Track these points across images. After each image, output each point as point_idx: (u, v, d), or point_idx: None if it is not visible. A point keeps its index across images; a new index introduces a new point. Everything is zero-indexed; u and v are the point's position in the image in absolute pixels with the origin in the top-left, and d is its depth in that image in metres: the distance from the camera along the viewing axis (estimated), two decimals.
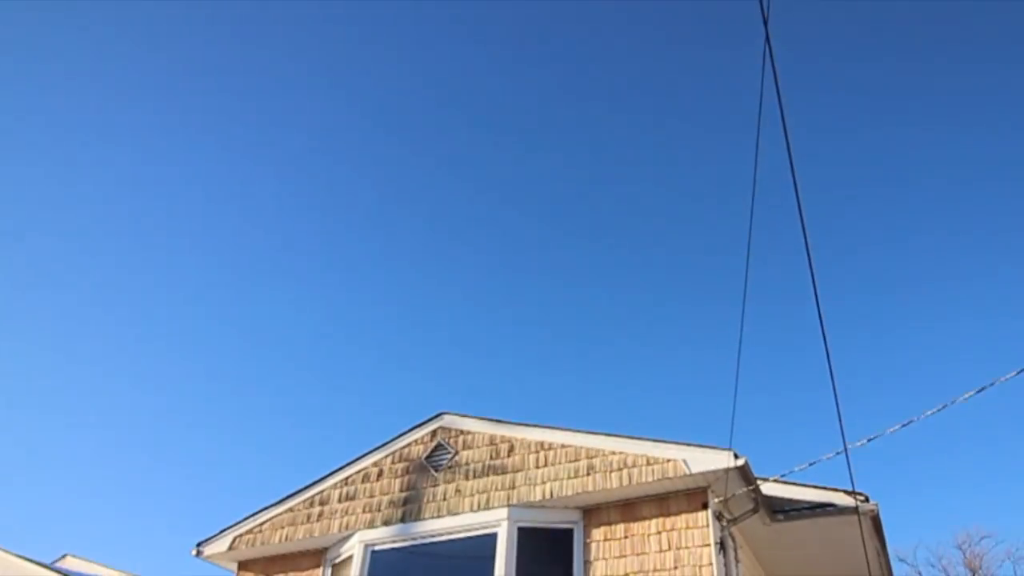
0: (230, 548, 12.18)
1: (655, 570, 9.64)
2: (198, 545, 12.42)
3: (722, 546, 9.69)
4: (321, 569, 11.74)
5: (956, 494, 56.77)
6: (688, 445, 9.67)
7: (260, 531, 12.06)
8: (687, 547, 9.60)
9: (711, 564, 9.40)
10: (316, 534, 11.59)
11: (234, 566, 12.53)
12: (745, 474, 9.41)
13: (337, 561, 11.53)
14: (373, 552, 11.02)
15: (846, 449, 7.56)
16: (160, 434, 58.67)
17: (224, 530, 12.32)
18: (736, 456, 9.21)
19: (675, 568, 9.56)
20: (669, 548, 9.70)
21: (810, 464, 8.87)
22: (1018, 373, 6.49)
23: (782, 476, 9.41)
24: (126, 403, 56.66)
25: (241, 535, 12.17)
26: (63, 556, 19.09)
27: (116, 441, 57.97)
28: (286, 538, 11.80)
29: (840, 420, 7.57)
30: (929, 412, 7.39)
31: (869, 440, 7.91)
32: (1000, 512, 54.57)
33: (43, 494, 58.53)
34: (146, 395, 55.92)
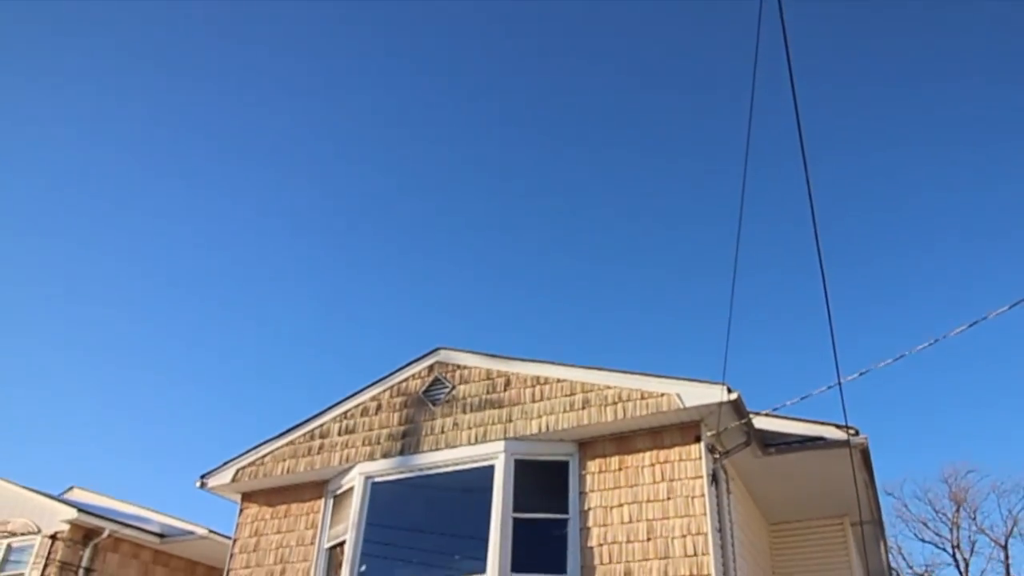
0: (233, 480, 12.33)
1: (648, 501, 9.76)
2: (202, 477, 12.57)
3: (714, 478, 9.79)
4: (323, 500, 11.89)
5: (944, 429, 57.26)
6: (682, 380, 9.70)
7: (262, 463, 12.19)
8: (680, 479, 9.70)
9: (703, 495, 9.50)
10: (317, 466, 11.71)
11: (238, 497, 12.69)
12: (738, 408, 9.45)
13: (338, 492, 11.67)
14: (373, 484, 11.14)
15: (840, 382, 7.54)
16: (164, 369, 59.17)
17: (227, 463, 12.45)
18: (729, 390, 9.24)
19: (668, 499, 9.68)
20: (662, 480, 9.80)
21: (802, 398, 8.89)
22: (1011, 307, 6.44)
23: (774, 410, 9.46)
24: (131, 338, 57.00)
25: (244, 467, 12.30)
26: (70, 488, 19.35)
27: (121, 376, 58.47)
28: (288, 470, 11.93)
29: (835, 350, 7.54)
30: (921, 346, 7.35)
31: (861, 374, 7.89)
32: (986, 447, 55.17)
33: (50, 427, 59.27)
34: (150, 330, 56.22)
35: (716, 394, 9.31)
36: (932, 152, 47.02)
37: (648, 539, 9.55)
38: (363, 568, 10.62)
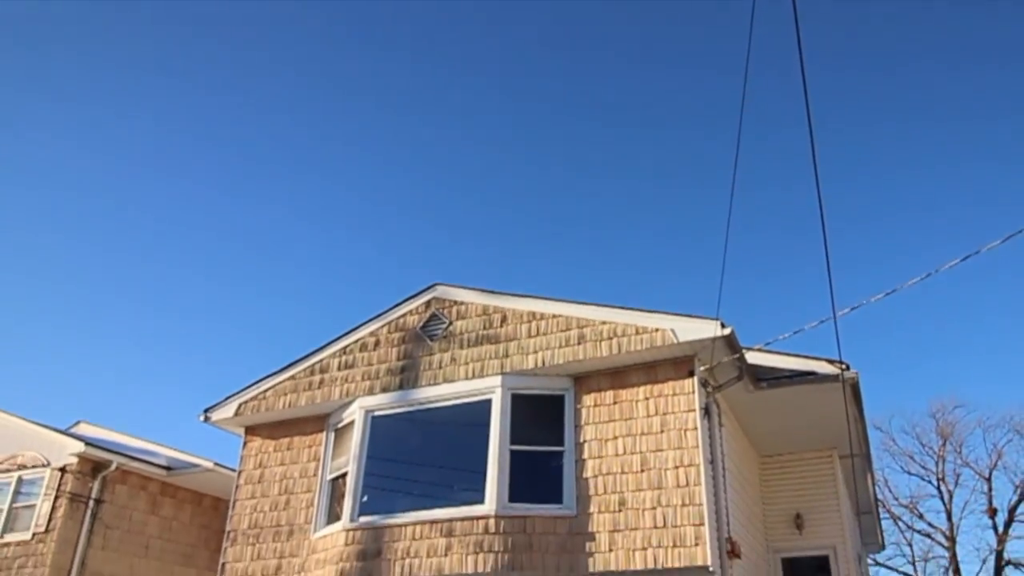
0: (236, 414, 12.41)
1: (642, 434, 9.84)
2: (205, 411, 12.65)
3: (707, 412, 9.85)
4: (324, 433, 11.98)
5: (933, 365, 57.55)
6: (676, 315, 9.68)
7: (264, 398, 12.25)
8: (673, 412, 9.76)
9: (696, 428, 9.57)
10: (318, 401, 11.78)
11: (241, 431, 12.80)
12: (731, 343, 9.46)
13: (339, 426, 11.76)
14: (373, 417, 11.22)
15: (833, 316, 7.49)
16: (169, 306, 59.27)
17: (229, 397, 12.51)
18: (723, 325, 9.23)
19: (661, 432, 9.75)
20: (656, 413, 9.86)
21: (794, 332, 8.91)
22: (1003, 241, 6.36)
23: (766, 345, 9.47)
24: (136, 273, 56.98)
25: (246, 402, 12.37)
26: (77, 423, 19.51)
27: (128, 312, 58.61)
28: (289, 404, 12.00)
29: (830, 281, 7.46)
30: (913, 280, 7.30)
31: (853, 308, 7.86)
32: (974, 382, 55.39)
33: (57, 363, 59.63)
34: (155, 267, 56.18)
35: (710, 329, 9.30)
36: (931, 78, 46.47)
37: (642, 470, 9.66)
38: (365, 499, 10.76)
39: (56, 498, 16.33)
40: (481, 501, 9.92)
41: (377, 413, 11.22)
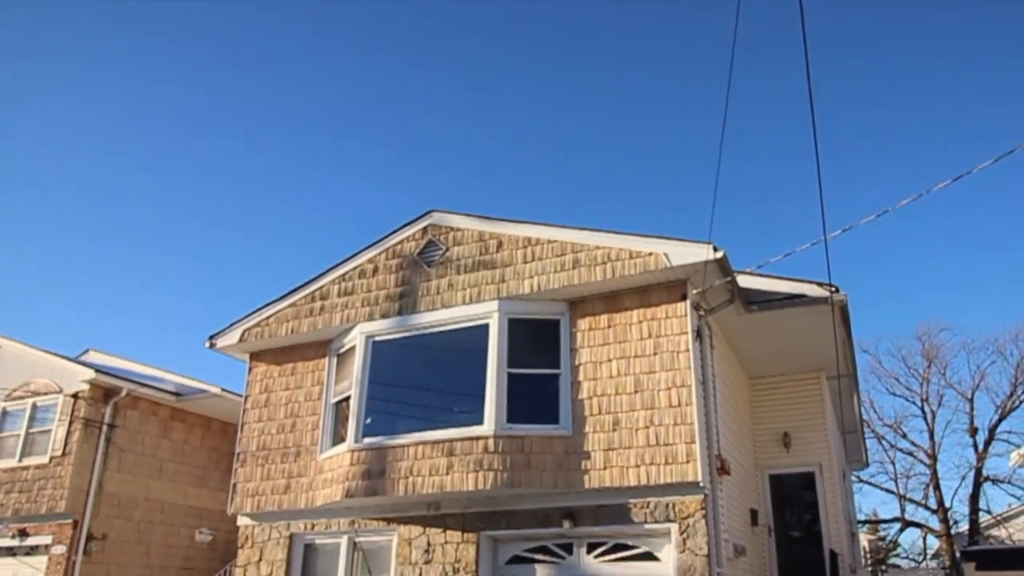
0: (240, 340, 12.43)
1: (636, 356, 9.87)
2: (210, 338, 12.67)
3: (698, 334, 9.86)
4: (327, 359, 12.02)
5: (921, 290, 57.77)
6: (669, 239, 9.60)
7: (267, 324, 12.25)
8: (666, 335, 9.77)
9: (688, 351, 9.60)
10: (319, 327, 11.78)
11: (246, 357, 12.84)
12: (723, 266, 9.40)
13: (341, 351, 11.79)
14: (374, 343, 11.23)
15: (825, 235, 7.39)
16: (175, 234, 59.11)
17: (233, 324, 12.51)
18: (715, 249, 9.16)
19: (654, 354, 9.78)
20: (649, 336, 9.87)
21: (785, 255, 8.82)
22: (995, 161, 6.24)
23: (758, 268, 9.42)
24: (144, 201, 56.67)
25: (249, 328, 12.38)
26: (86, 351, 19.64)
27: (135, 240, 58.50)
28: (291, 331, 12.01)
29: (822, 202, 7.38)
30: (904, 201, 7.19)
31: (844, 230, 7.77)
32: (960, 306, 55.68)
33: (66, 292, 59.74)
34: (162, 191, 55.85)
35: (702, 253, 9.23)
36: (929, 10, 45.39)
37: (635, 391, 9.72)
38: (368, 421, 10.85)
39: (70, 423, 16.51)
40: (480, 422, 10.00)
41: (377, 338, 11.23)
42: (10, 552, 16.79)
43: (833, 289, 9.98)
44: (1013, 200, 51.78)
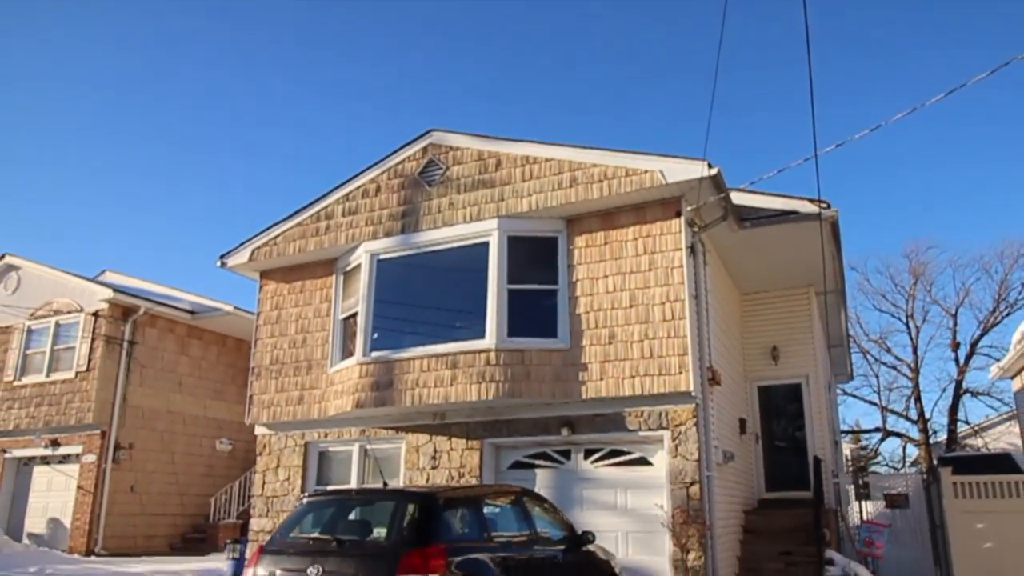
0: (250, 259, 12.36)
1: (631, 272, 9.79)
2: (221, 257, 12.60)
3: (692, 251, 9.75)
4: (334, 277, 11.98)
5: (912, 208, 56.89)
6: (665, 156, 9.40)
7: (275, 244, 12.16)
8: (661, 251, 9.67)
9: (681, 266, 9.51)
10: (325, 246, 11.69)
11: (256, 276, 12.80)
12: (717, 183, 9.22)
13: (347, 269, 11.73)
14: (379, 261, 11.16)
15: (816, 150, 7.19)
16: (184, 157, 58.61)
17: (243, 243, 12.43)
18: (709, 166, 8.97)
19: (649, 270, 9.70)
20: (644, 252, 9.77)
21: (779, 171, 8.63)
22: (990, 74, 6.00)
23: (751, 184, 9.24)
24: (156, 123, 55.99)
25: (259, 247, 12.30)
26: (103, 271, 19.65)
27: (148, 163, 58.03)
28: (299, 250, 11.92)
29: (813, 117, 7.13)
30: (898, 115, 6.97)
31: (837, 145, 7.57)
32: (950, 224, 54.82)
33: (83, 213, 59.56)
34: (173, 117, 55.14)
35: (697, 170, 9.05)
36: None
37: (631, 306, 9.68)
38: (375, 336, 10.87)
39: (92, 340, 16.64)
40: (482, 336, 10.01)
41: (382, 256, 11.14)
42: (44, 461, 17.18)
43: (824, 205, 9.82)
44: (1008, 116, 50.61)
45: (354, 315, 11.21)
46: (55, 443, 16.65)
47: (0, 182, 58.52)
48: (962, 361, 31.17)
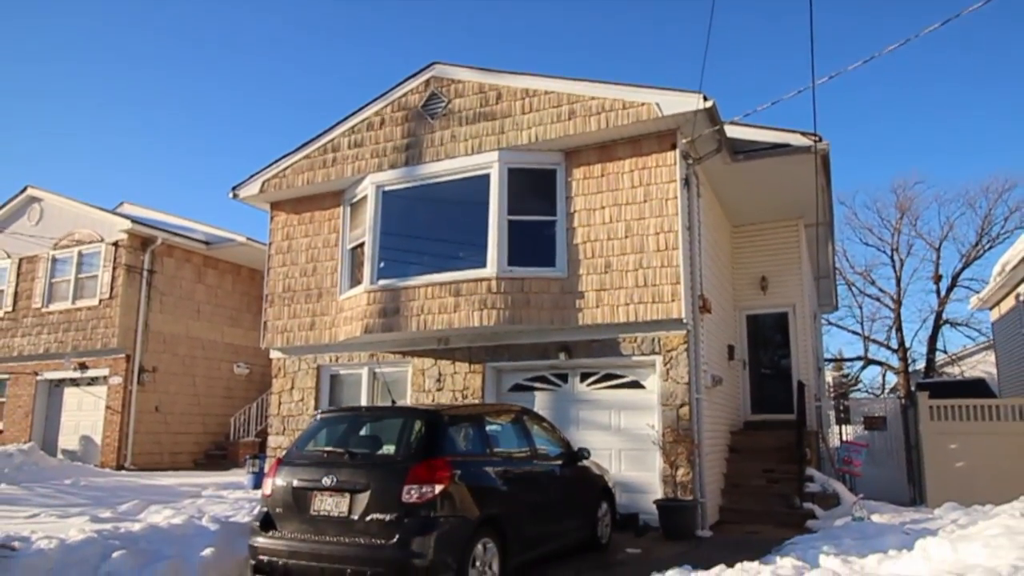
0: (261, 191, 12.22)
1: (627, 204, 9.66)
2: (233, 188, 12.46)
3: (686, 183, 9.59)
4: (341, 208, 11.85)
5: (903, 143, 55.88)
6: (661, 89, 9.15)
7: (284, 176, 12.00)
8: (655, 183, 9.52)
9: (676, 198, 9.37)
10: (332, 177, 11.53)
11: (267, 207, 12.68)
12: (711, 115, 9.00)
13: (354, 200, 11.59)
14: (384, 192, 11.02)
15: (813, 80, 6.96)
16: (194, 96, 57.79)
17: (253, 175, 12.27)
18: (705, 98, 8.73)
19: (644, 202, 9.56)
20: (640, 184, 9.62)
21: (772, 103, 8.41)
22: (985, 2, 5.73)
23: (745, 116, 9.01)
24: (169, 66, 55.06)
25: (269, 179, 12.14)
26: (121, 203, 19.48)
27: (162, 97, 57.26)
28: (307, 181, 11.77)
29: (812, 44, 6.88)
30: (891, 47, 6.72)
31: (831, 77, 7.32)
32: (937, 159, 53.94)
33: (102, 147, 59.08)
34: (186, 57, 54.17)
35: (692, 102, 8.82)
36: None
37: (626, 236, 9.58)
38: (382, 265, 10.81)
39: (114, 269, 16.65)
40: (483, 265, 9.95)
41: (387, 188, 11.00)
42: (74, 383, 17.40)
43: (816, 138, 9.59)
44: (1000, 48, 49.25)
45: (361, 245, 11.14)
46: (83, 366, 16.82)
47: (21, 113, 57.84)
48: (943, 293, 31.16)
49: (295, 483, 5.76)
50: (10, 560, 5.30)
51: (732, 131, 9.91)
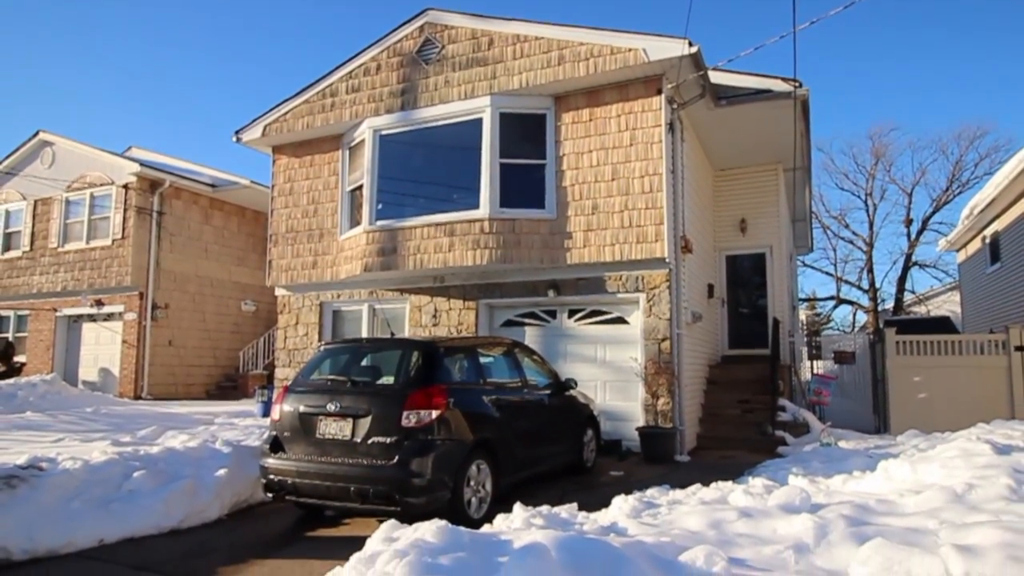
0: (263, 135, 12.05)
1: (613, 147, 9.57)
2: (236, 132, 12.27)
3: (671, 127, 9.49)
4: (340, 151, 11.71)
5: (881, 91, 54.99)
6: (647, 35, 8.97)
7: (285, 120, 11.81)
8: (641, 128, 9.41)
9: (660, 142, 9.28)
10: (331, 122, 11.36)
11: (269, 150, 12.52)
12: (696, 61, 8.85)
13: (352, 144, 11.45)
14: (381, 136, 10.87)
15: (794, 25, 6.83)
16: (201, 40, 56.37)
17: (255, 120, 12.08)
18: (690, 44, 8.57)
19: (630, 146, 9.48)
20: (626, 129, 9.52)
21: (755, 48, 8.28)
22: None
23: (728, 61, 8.89)
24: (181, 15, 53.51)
25: (270, 124, 11.95)
26: (129, 148, 19.17)
27: (168, 44, 55.88)
28: (307, 126, 11.60)
29: None
30: None
31: (812, 23, 7.16)
32: (912, 106, 53.22)
33: (109, 91, 57.89)
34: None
35: (678, 48, 8.66)
36: None
37: (612, 179, 9.53)
38: (380, 206, 10.75)
39: (125, 211, 16.52)
40: (477, 207, 9.91)
41: (384, 132, 10.85)
42: (91, 319, 17.44)
43: (796, 84, 9.46)
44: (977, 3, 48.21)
45: (360, 187, 11.05)
46: (99, 303, 16.84)
47: (30, 53, 56.40)
48: (913, 236, 31.25)
49: (302, 409, 5.85)
50: (39, 479, 5.41)
51: (716, 77, 9.76)
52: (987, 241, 17.59)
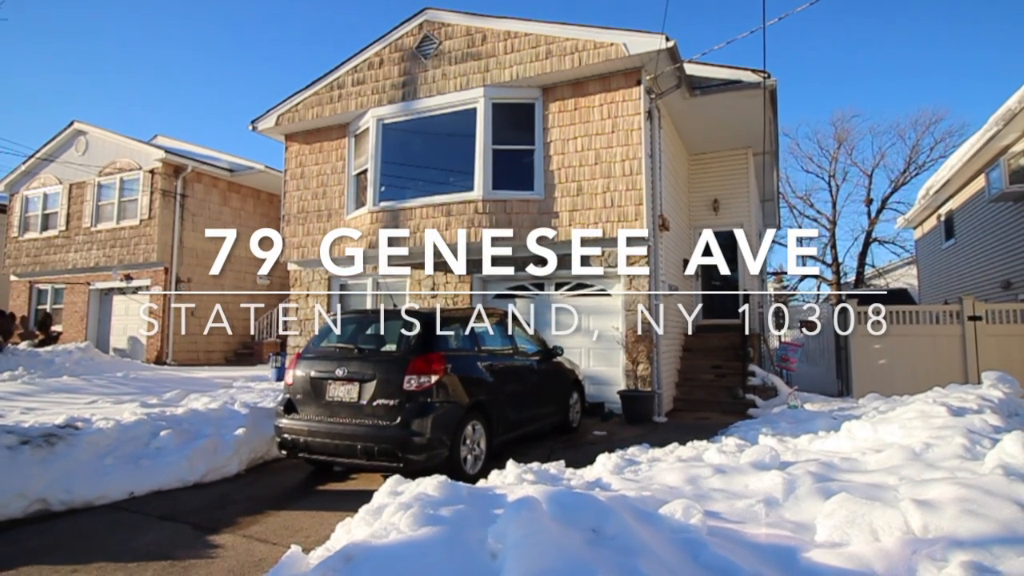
0: (276, 124, 11.95)
1: (597, 134, 9.53)
2: (252, 121, 12.16)
3: (649, 116, 9.44)
4: (347, 139, 11.63)
5: (845, 78, 54.49)
6: (628, 31, 8.89)
7: (296, 110, 11.71)
8: (622, 116, 9.37)
9: (640, 129, 9.24)
10: (339, 112, 11.26)
11: (282, 138, 12.42)
12: (673, 54, 8.78)
13: (357, 132, 11.37)
14: (384, 125, 10.79)
15: (764, 25, 6.78)
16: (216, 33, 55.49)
17: (270, 110, 11.97)
18: (667, 39, 8.50)
19: (612, 133, 9.44)
20: (608, 117, 9.47)
21: (728, 43, 8.35)
22: None
23: (702, 55, 8.82)
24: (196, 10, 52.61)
25: (282, 113, 11.85)
26: (155, 136, 18.99)
27: (193, 36, 55.03)
28: (316, 115, 11.50)
29: None
30: None
31: (780, 18, 7.11)
32: (872, 93, 52.72)
33: (135, 83, 57.15)
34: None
35: (656, 43, 8.59)
36: None
37: (596, 163, 9.50)
38: (383, 189, 10.70)
39: (151, 194, 16.41)
40: (471, 189, 9.88)
41: (386, 121, 10.77)
42: (121, 292, 17.41)
43: (765, 75, 9.41)
44: None
45: (364, 171, 10.99)
46: (128, 277, 16.81)
47: (64, 54, 55.54)
48: (873, 215, 31.24)
49: (312, 374, 5.89)
50: (76, 436, 5.47)
51: (691, 69, 9.69)
52: (942, 219, 17.61)
